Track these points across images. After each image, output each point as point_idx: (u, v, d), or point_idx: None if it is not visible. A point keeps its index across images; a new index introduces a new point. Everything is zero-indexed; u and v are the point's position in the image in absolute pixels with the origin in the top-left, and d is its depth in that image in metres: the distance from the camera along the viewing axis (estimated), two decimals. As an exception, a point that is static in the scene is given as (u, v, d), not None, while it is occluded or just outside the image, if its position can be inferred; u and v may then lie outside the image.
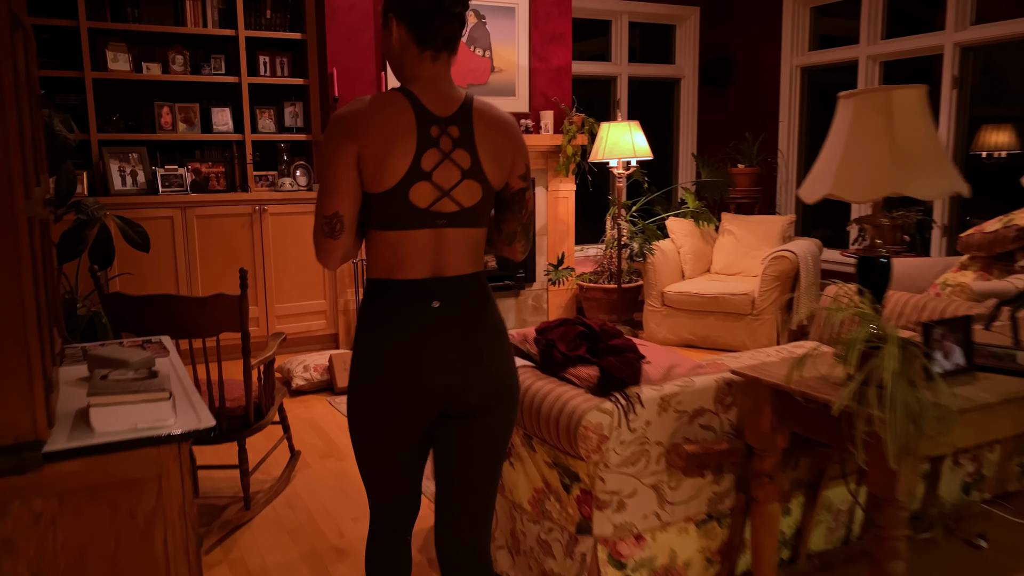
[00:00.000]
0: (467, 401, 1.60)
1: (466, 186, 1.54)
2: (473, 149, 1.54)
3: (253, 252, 5.08)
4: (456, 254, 1.56)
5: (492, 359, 1.60)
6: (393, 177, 1.48)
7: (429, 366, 1.55)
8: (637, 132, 5.38)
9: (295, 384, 4.32)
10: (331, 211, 1.49)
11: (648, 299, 5.41)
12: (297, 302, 5.24)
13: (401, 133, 1.48)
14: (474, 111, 1.56)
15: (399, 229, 1.52)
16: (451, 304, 1.56)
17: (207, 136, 5.12)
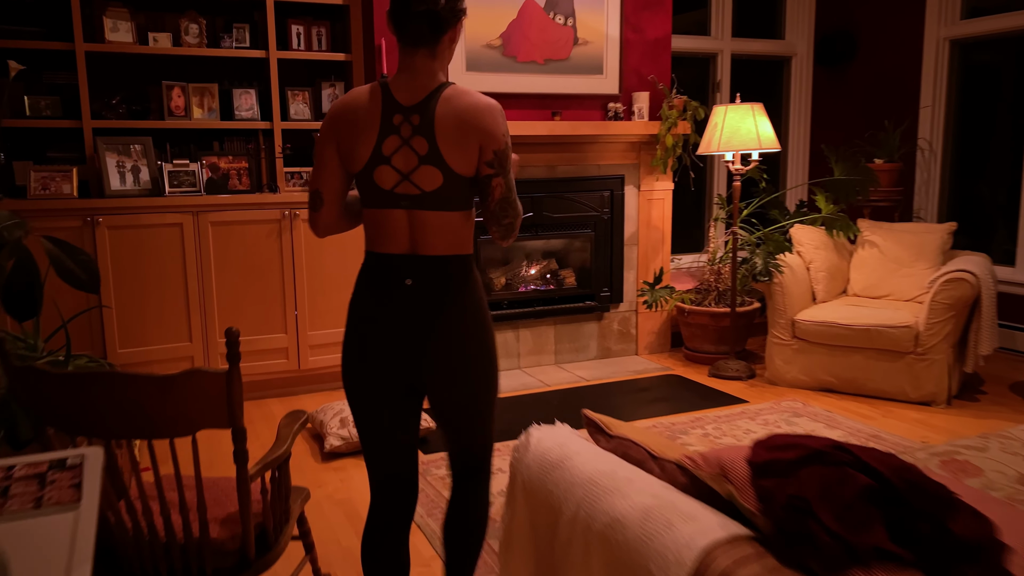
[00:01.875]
0: (433, 375, 1.72)
1: (425, 171, 1.64)
2: (432, 136, 1.63)
3: (282, 268, 4.10)
4: (430, 235, 1.67)
5: (460, 333, 1.69)
6: (360, 160, 1.66)
7: (394, 337, 1.69)
8: (762, 118, 4.26)
9: (328, 445, 3.31)
10: (313, 188, 1.73)
11: (773, 329, 4.29)
12: (336, 328, 4.25)
13: (368, 120, 1.65)
14: (440, 99, 1.65)
15: (374, 208, 1.69)
16: (423, 282, 1.68)
17: (227, 124, 4.15)
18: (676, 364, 4.78)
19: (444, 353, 1.70)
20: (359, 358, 1.73)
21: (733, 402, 4.04)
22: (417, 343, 1.69)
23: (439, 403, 1.78)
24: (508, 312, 4.58)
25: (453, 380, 1.73)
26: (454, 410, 1.78)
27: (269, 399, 4.18)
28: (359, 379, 1.74)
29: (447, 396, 1.75)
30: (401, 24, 1.66)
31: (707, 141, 4.35)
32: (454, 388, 1.74)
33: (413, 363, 1.71)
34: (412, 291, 1.67)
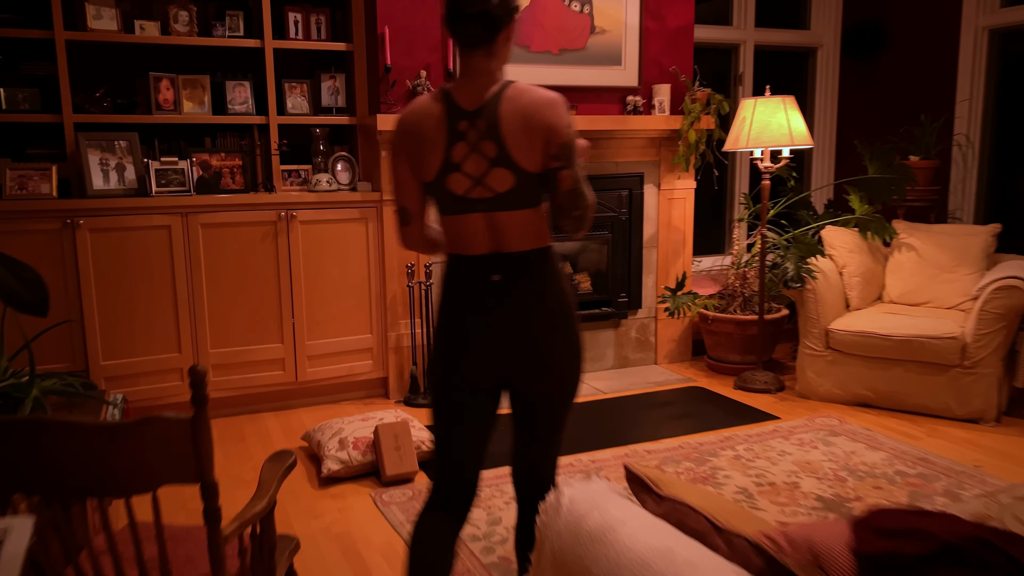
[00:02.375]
0: (522, 364, 1.71)
1: (496, 173, 1.65)
2: (499, 138, 1.64)
3: (278, 273, 3.82)
4: (511, 233, 1.69)
5: (549, 327, 1.71)
6: (431, 170, 1.67)
7: (486, 332, 1.69)
8: (794, 112, 3.96)
9: (326, 470, 3.03)
10: (399, 205, 1.75)
11: (805, 339, 3.99)
12: (335, 338, 3.96)
13: (435, 130, 1.65)
14: (503, 100, 1.65)
15: (451, 214, 1.70)
16: (510, 278, 1.69)
17: (219, 119, 3.87)
18: (699, 375, 4.49)
19: (533, 345, 1.71)
20: (450, 355, 1.74)
21: (763, 418, 3.75)
22: (507, 337, 1.71)
23: (524, 397, 1.79)
24: (520, 319, 4.28)
25: (541, 372, 1.73)
26: (538, 404, 1.78)
27: (264, 413, 3.91)
28: (447, 375, 1.76)
29: (533, 389, 1.76)
30: (455, 27, 1.66)
31: (734, 137, 4.05)
32: (541, 380, 1.75)
33: (503, 356, 1.72)
34: (500, 286, 1.69)
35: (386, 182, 3.93)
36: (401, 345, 4.06)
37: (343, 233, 3.92)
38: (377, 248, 3.98)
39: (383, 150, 3.90)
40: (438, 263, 4.09)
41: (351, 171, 4.12)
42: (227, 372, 3.79)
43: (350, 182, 4.11)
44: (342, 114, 4.11)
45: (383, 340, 4.06)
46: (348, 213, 3.91)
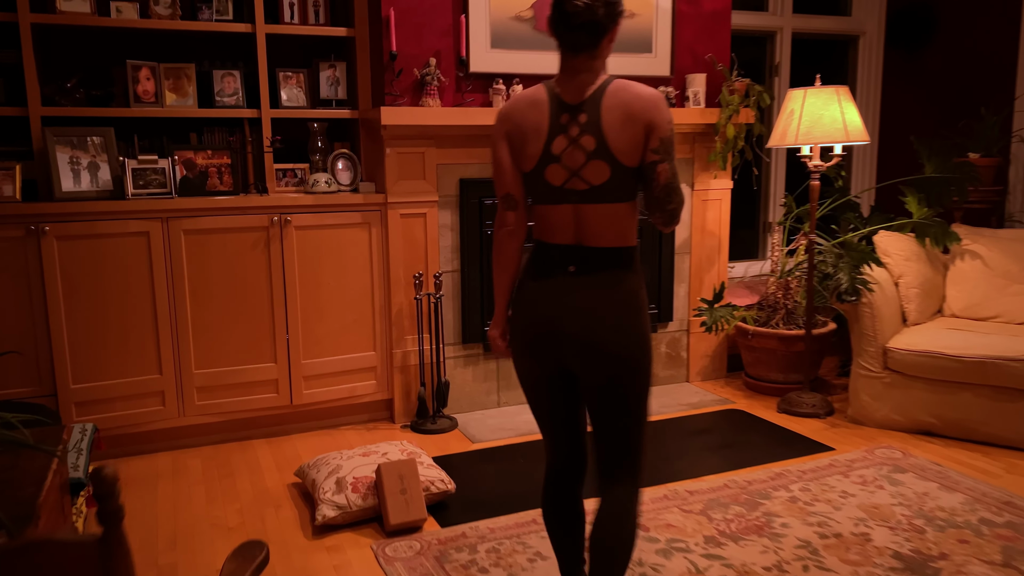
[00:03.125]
0: (589, 356, 1.75)
1: (593, 166, 1.70)
2: (599, 133, 1.69)
3: (271, 285, 3.41)
4: (596, 227, 1.74)
5: (617, 322, 1.74)
6: (531, 160, 1.74)
7: (557, 315, 1.75)
8: (849, 105, 3.52)
9: (321, 516, 2.62)
10: (504, 192, 1.81)
11: (860, 358, 3.56)
12: (335, 356, 3.56)
13: (537, 121, 1.73)
14: (605, 96, 1.70)
15: (544, 203, 1.77)
16: (588, 271, 1.74)
17: (206, 112, 3.47)
18: (736, 395, 4.07)
19: (599, 339, 1.75)
20: (522, 340, 1.82)
21: (816, 449, 3.32)
22: (574, 329, 1.75)
23: (590, 390, 1.81)
24: (539, 334, 3.87)
25: (605, 365, 1.76)
26: (604, 400, 1.80)
27: (255, 440, 3.51)
28: (523, 359, 1.85)
29: (597, 383, 1.79)
30: (563, 36, 1.71)
31: (780, 132, 3.62)
32: (604, 372, 1.77)
33: (569, 347, 1.77)
34: (574, 277, 1.75)
35: (391, 183, 3.52)
36: (408, 364, 3.66)
37: (343, 240, 3.51)
38: (381, 256, 3.58)
39: (387, 147, 3.49)
40: (448, 272, 3.69)
41: (352, 170, 3.71)
42: (214, 395, 3.39)
43: (351, 182, 3.71)
44: (343, 107, 3.71)
45: (388, 358, 3.65)
46: (349, 217, 3.51)
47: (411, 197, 3.56)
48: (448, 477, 2.82)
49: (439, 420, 3.62)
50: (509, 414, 3.77)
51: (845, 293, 3.49)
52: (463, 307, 3.73)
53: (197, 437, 3.44)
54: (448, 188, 3.64)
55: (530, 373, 1.85)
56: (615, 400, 1.80)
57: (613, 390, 1.78)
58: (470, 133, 3.61)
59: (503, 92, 3.62)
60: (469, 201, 3.66)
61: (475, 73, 3.61)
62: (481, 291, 3.73)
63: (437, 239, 3.64)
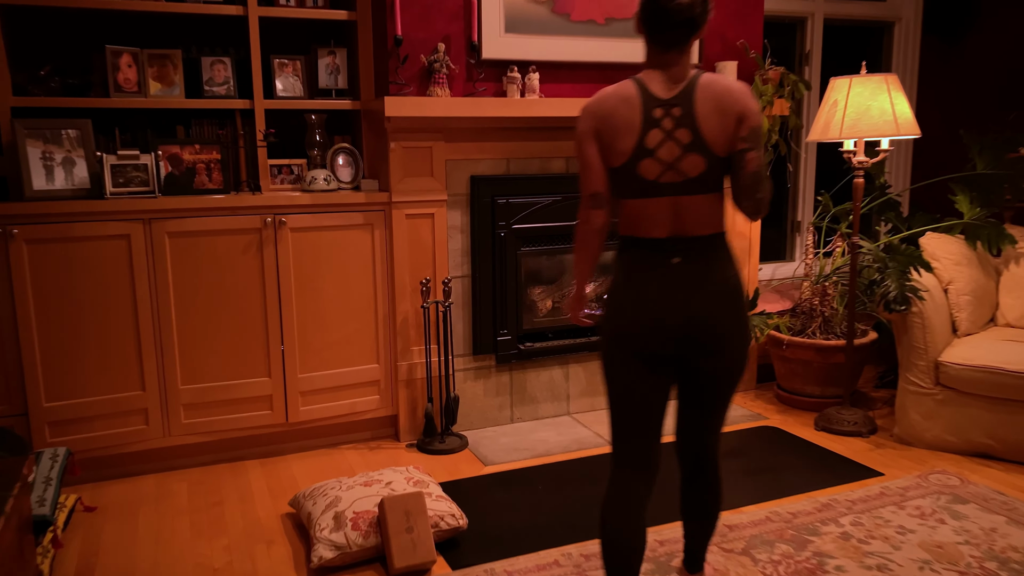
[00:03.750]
0: (701, 340, 1.78)
1: (689, 159, 1.72)
2: (694, 126, 1.71)
3: (264, 292, 3.12)
4: (693, 217, 1.76)
5: (726, 306, 1.77)
6: (622, 155, 1.74)
7: (669, 305, 1.76)
8: (899, 95, 3.21)
9: (317, 558, 2.33)
10: (592, 190, 1.79)
11: (908, 372, 3.25)
12: (334, 369, 3.27)
13: (628, 116, 1.73)
14: (697, 89, 1.73)
15: (635, 198, 1.78)
16: (689, 260, 1.77)
17: (194, 103, 3.18)
18: (768, 409, 3.76)
19: (710, 327, 1.77)
20: (629, 340, 1.79)
21: (863, 474, 3.02)
22: (685, 319, 1.76)
23: (695, 374, 1.84)
24: (554, 345, 3.58)
25: (717, 349, 1.80)
26: (715, 390, 1.86)
27: (247, 461, 3.22)
28: (626, 361, 1.80)
29: (708, 364, 1.82)
30: (655, 32, 1.74)
31: (822, 124, 3.31)
32: (716, 357, 1.81)
33: (680, 338, 1.78)
34: (679, 269, 1.76)
35: (395, 180, 3.22)
36: (414, 377, 3.36)
37: (344, 242, 3.21)
38: (385, 261, 3.28)
39: (391, 141, 3.19)
40: (458, 277, 3.39)
41: (354, 166, 3.41)
42: (202, 413, 3.10)
43: (352, 179, 3.41)
44: (343, 97, 3.40)
45: (392, 372, 3.36)
46: (350, 218, 3.21)
47: (417, 196, 3.26)
48: (459, 511, 2.52)
49: (448, 439, 3.32)
50: (523, 432, 3.47)
51: (894, 302, 3.18)
52: (474, 315, 3.43)
53: (184, 458, 3.15)
54: (458, 186, 3.34)
55: (634, 376, 1.81)
56: (726, 388, 1.87)
57: (727, 379, 1.85)
58: (482, 126, 3.31)
59: (518, 81, 3.31)
60: (481, 200, 3.36)
61: (488, 60, 3.31)
62: (493, 297, 3.43)
63: (446, 242, 3.34)
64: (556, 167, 3.51)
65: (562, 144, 3.49)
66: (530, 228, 3.45)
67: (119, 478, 3.06)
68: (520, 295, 3.49)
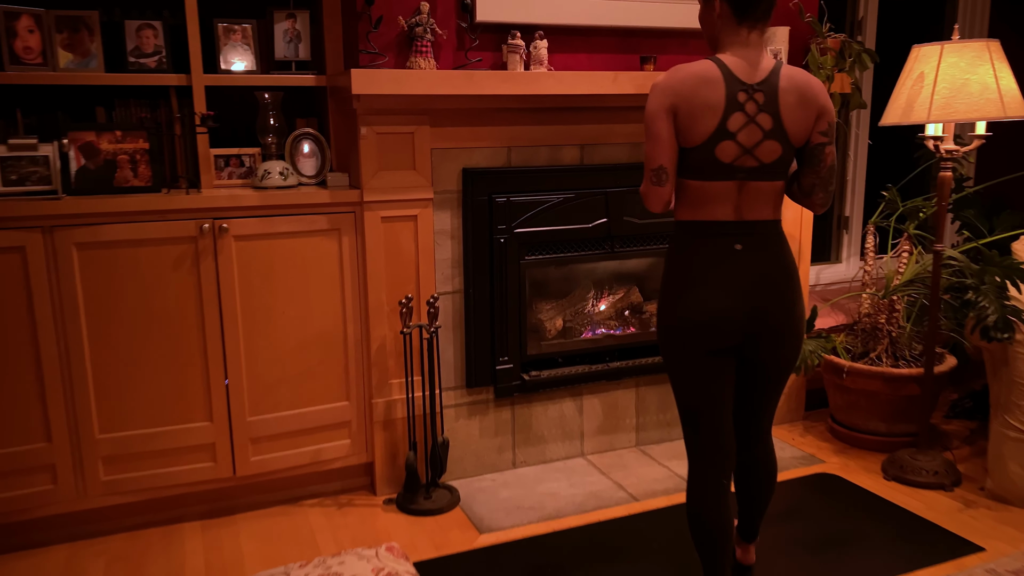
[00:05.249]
0: (764, 329, 1.80)
1: (767, 145, 1.74)
2: (776, 113, 1.74)
3: (203, 316, 2.49)
4: (757, 202, 1.79)
5: (787, 294, 1.81)
6: (700, 136, 1.73)
7: (734, 294, 1.77)
8: (1002, 65, 2.54)
9: None
10: (656, 164, 1.77)
11: (1008, 414, 2.61)
12: (294, 409, 2.64)
13: (712, 97, 1.71)
14: (781, 78, 1.75)
15: (706, 180, 1.77)
16: (751, 245, 1.79)
17: (115, 79, 2.54)
18: (823, 448, 3.13)
19: (772, 311, 1.79)
20: (693, 327, 1.78)
21: (957, 548, 2.38)
22: (752, 309, 1.78)
23: (756, 361, 1.86)
24: (565, 373, 2.95)
25: (779, 338, 1.83)
26: (773, 368, 1.89)
27: (186, 524, 2.60)
28: (690, 349, 1.80)
29: (770, 353, 1.84)
30: (743, 9, 1.74)
31: (903, 104, 2.64)
32: (779, 346, 1.84)
33: (746, 328, 1.79)
34: (742, 256, 1.78)
35: (368, 174, 2.57)
36: (393, 417, 2.74)
37: (304, 252, 2.58)
38: (356, 275, 2.65)
39: (362, 125, 2.54)
40: (448, 293, 2.75)
41: (319, 157, 2.77)
42: (126, 467, 2.48)
43: (317, 173, 2.77)
44: (305, 70, 2.76)
45: (366, 410, 2.73)
46: (312, 222, 2.57)
47: (396, 194, 2.62)
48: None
49: (435, 493, 2.71)
50: (528, 481, 2.85)
51: (994, 328, 2.53)
52: (467, 340, 2.80)
53: (104, 523, 2.54)
54: (447, 181, 2.70)
55: (703, 368, 1.82)
56: (785, 375, 1.93)
57: (787, 363, 1.89)
58: (477, 107, 2.66)
59: (521, 50, 2.65)
60: (476, 198, 2.72)
61: (484, 23, 2.65)
62: (491, 318, 2.80)
63: (432, 250, 2.70)
64: (568, 157, 2.86)
65: (577, 129, 2.84)
66: (536, 232, 2.80)
67: (21, 551, 2.45)
68: (524, 314, 2.85)
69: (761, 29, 1.77)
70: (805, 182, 1.85)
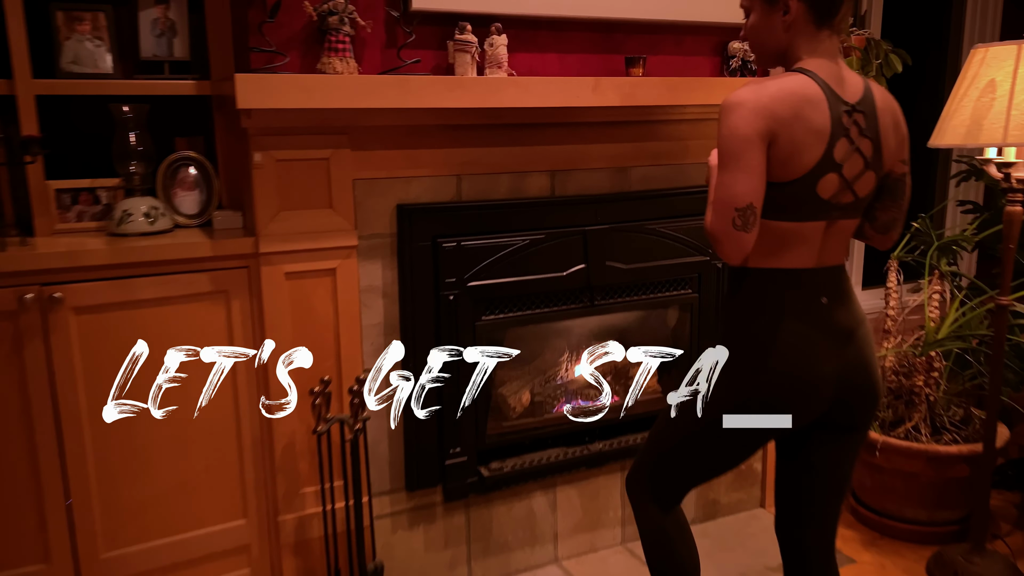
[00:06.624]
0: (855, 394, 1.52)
1: (866, 177, 1.47)
2: (876, 138, 1.47)
3: (31, 415, 1.77)
4: (838, 244, 1.53)
5: (873, 352, 1.55)
6: (802, 167, 1.41)
7: (827, 357, 1.48)
8: (1096, 69, 1.98)
9: None
10: (744, 202, 1.38)
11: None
12: (169, 537, 1.94)
13: (817, 120, 1.40)
14: (875, 95, 1.48)
15: (796, 220, 1.45)
16: (835, 296, 1.51)
17: (-99, 83, 1.81)
18: (851, 540, 2.54)
19: (863, 373, 1.52)
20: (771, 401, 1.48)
21: None
22: (840, 378, 1.50)
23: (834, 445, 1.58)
24: (535, 462, 2.31)
25: (871, 402, 1.55)
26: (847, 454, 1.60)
27: None
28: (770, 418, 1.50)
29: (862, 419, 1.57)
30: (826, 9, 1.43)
31: (969, 120, 2.04)
32: (869, 409, 1.56)
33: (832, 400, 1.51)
34: (828, 311, 1.49)
35: (265, 216, 1.89)
36: (308, 537, 2.05)
37: (178, 324, 1.88)
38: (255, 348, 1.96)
39: (254, 149, 1.85)
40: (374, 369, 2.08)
41: (203, 189, 2.08)
42: (-79, 635, 1.76)
43: (201, 211, 2.08)
44: (183, 74, 2.05)
45: (270, 530, 2.04)
46: (189, 283, 1.87)
47: (305, 241, 1.94)
48: None
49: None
50: (489, 608, 2.20)
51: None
52: (407, 429, 2.13)
53: None
54: (376, 222, 2.03)
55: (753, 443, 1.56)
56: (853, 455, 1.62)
57: (861, 444, 1.63)
58: (415, 123, 2.00)
59: (473, 47, 2.00)
60: (416, 244, 2.06)
61: (422, 11, 1.99)
62: (439, 398, 2.14)
63: (357, 315, 2.03)
64: (536, 187, 2.21)
65: (546, 151, 2.19)
66: (496, 285, 2.15)
67: None
68: (481, 390, 2.20)
69: (838, 34, 1.48)
70: (884, 217, 1.57)
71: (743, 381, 1.51)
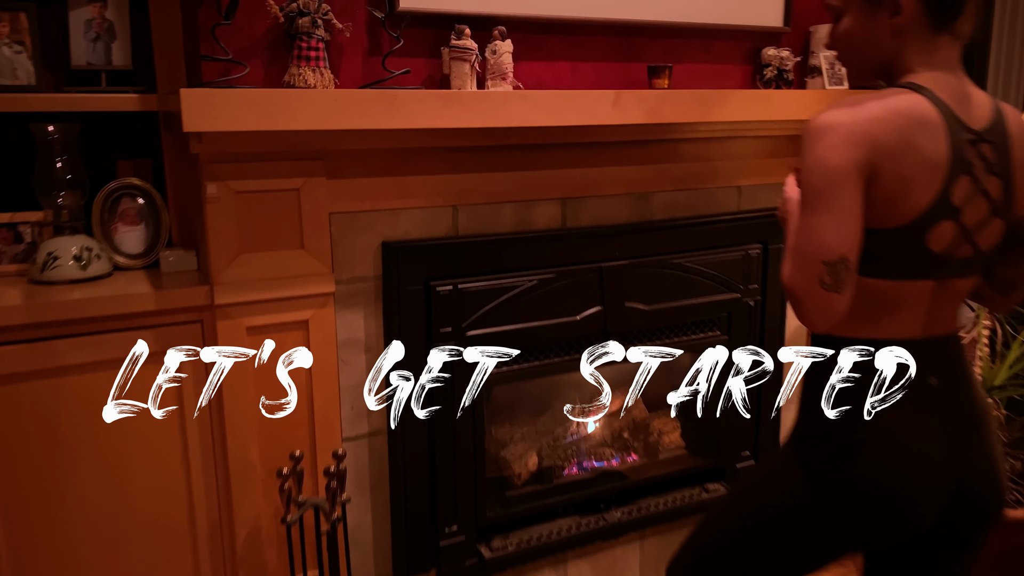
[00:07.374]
0: (969, 511, 1.20)
1: (992, 225, 1.15)
2: (1008, 176, 1.15)
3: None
4: (950, 308, 1.20)
5: (996, 448, 1.22)
6: (912, 211, 1.10)
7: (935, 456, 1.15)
8: None
9: None
10: (836, 254, 1.07)
11: None
12: (108, 645, 1.60)
13: (932, 152, 1.08)
14: (1008, 120, 1.16)
15: (897, 278, 1.14)
16: (948, 376, 1.18)
17: None
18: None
19: (985, 490, 1.20)
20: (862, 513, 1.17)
21: None
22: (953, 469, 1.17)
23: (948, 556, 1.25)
24: (543, 537, 1.99)
25: (984, 525, 1.23)
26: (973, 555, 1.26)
27: None
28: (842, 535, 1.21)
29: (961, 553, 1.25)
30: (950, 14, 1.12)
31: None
32: (978, 536, 1.24)
33: (943, 509, 1.18)
34: (940, 396, 1.17)
35: (221, 260, 1.55)
36: (278, 640, 1.72)
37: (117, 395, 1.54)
38: (209, 424, 1.62)
39: (206, 179, 1.52)
40: (361, 437, 1.76)
41: (149, 223, 1.74)
42: None
43: (147, 250, 1.74)
44: (123, 85, 1.71)
45: (233, 633, 1.71)
46: (130, 343, 1.53)
47: (271, 289, 1.60)
48: None
49: None
50: None
51: None
52: (395, 506, 1.81)
53: None
54: (358, 263, 1.70)
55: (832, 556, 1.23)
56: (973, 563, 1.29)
57: (970, 563, 1.27)
58: (403, 145, 1.67)
59: (473, 55, 1.67)
60: (406, 288, 1.73)
61: (411, 12, 1.66)
62: (431, 468, 1.81)
63: (335, 374, 1.70)
64: (544, 218, 1.89)
65: (557, 175, 1.88)
66: (499, 334, 1.83)
67: None
68: (481, 458, 1.87)
69: (961, 40, 1.16)
70: (1009, 275, 1.24)
71: (821, 487, 1.20)
